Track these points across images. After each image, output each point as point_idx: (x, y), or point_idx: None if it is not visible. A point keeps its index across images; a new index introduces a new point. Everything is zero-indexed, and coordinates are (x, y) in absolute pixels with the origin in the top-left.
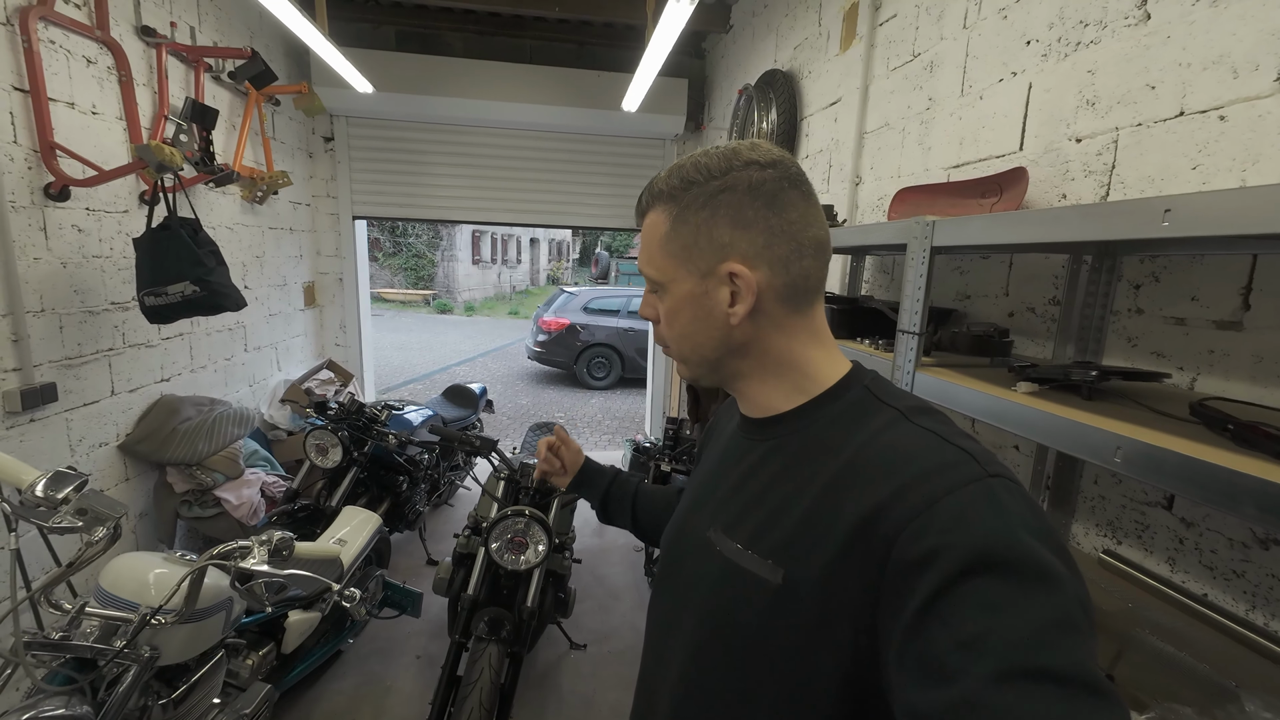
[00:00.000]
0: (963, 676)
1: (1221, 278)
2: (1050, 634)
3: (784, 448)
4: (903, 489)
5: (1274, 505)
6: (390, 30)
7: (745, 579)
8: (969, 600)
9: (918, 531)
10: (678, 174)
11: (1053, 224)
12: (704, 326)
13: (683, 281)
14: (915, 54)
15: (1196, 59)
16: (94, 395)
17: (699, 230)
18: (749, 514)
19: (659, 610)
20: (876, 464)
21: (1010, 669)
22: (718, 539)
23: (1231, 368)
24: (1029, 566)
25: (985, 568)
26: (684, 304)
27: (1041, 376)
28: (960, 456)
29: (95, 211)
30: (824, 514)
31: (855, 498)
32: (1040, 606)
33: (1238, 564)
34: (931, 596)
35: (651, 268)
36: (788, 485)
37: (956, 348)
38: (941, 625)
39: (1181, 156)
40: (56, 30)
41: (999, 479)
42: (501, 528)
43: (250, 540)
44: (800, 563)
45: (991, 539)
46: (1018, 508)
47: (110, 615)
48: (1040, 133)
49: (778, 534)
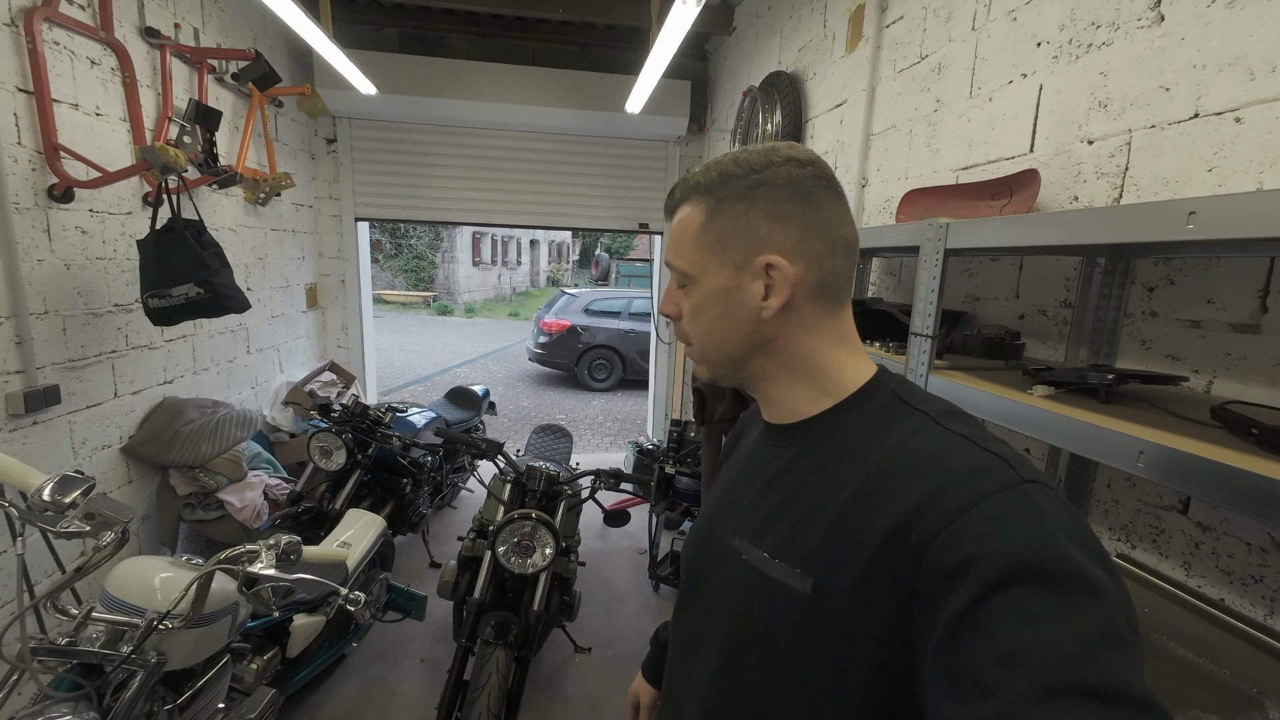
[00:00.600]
0: (1001, 692)
1: (1239, 280)
2: (1094, 648)
3: (810, 454)
4: (935, 495)
5: None
6: (393, 32)
7: (774, 588)
8: (1007, 612)
9: (951, 539)
10: (715, 169)
11: (1072, 226)
12: (732, 321)
13: (715, 274)
14: (923, 56)
15: (1212, 60)
16: (97, 397)
17: (735, 222)
18: (776, 522)
19: (685, 621)
20: (907, 470)
21: (1052, 685)
22: (744, 548)
23: (1249, 371)
24: (1071, 576)
25: (1024, 577)
26: (714, 297)
27: (1058, 380)
28: (994, 461)
29: (99, 213)
30: (853, 521)
31: (885, 505)
32: (1083, 619)
33: (1256, 569)
34: (967, 607)
35: (683, 260)
36: (815, 492)
37: (968, 350)
38: (978, 637)
39: (1197, 159)
40: (61, 31)
41: (1035, 484)
42: (509, 531)
43: (258, 544)
44: (830, 571)
45: (1030, 547)
46: (1057, 514)
47: (117, 620)
48: (1051, 135)
49: (806, 542)
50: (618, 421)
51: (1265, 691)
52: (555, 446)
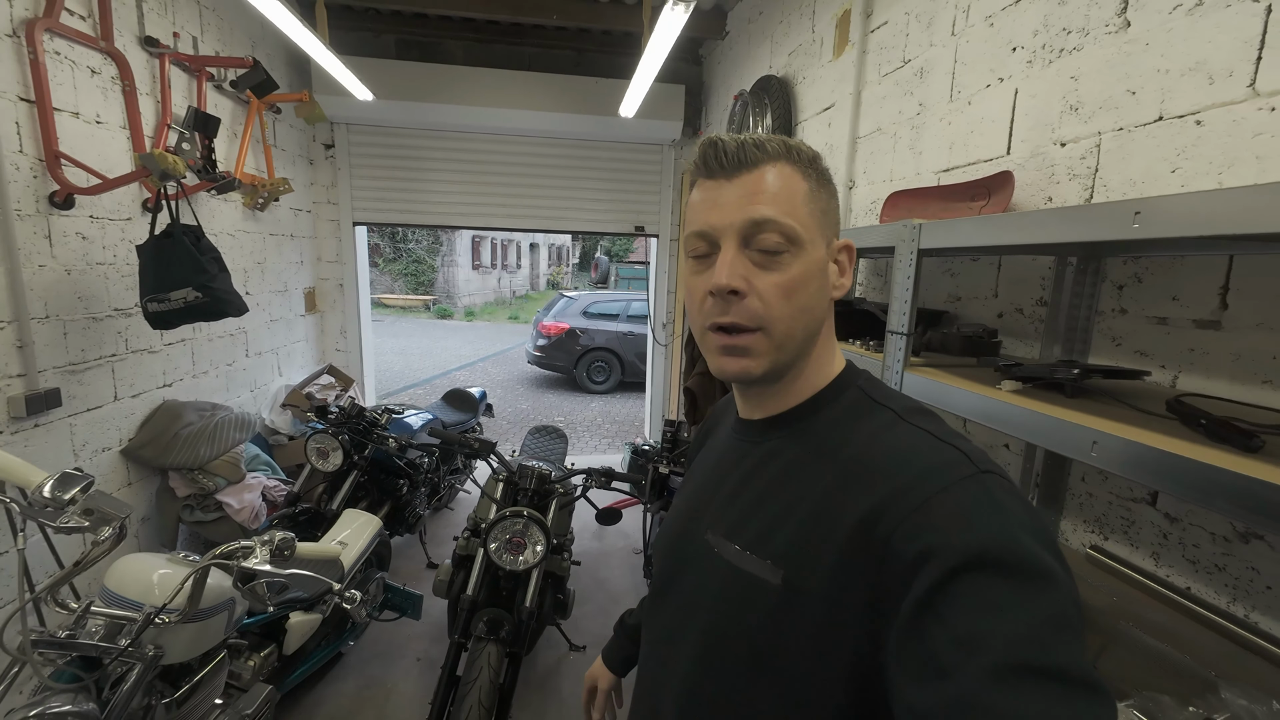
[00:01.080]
0: (960, 673)
1: (1201, 278)
2: (1047, 632)
3: (783, 450)
4: (899, 489)
5: (1244, 497)
6: (391, 39)
7: (748, 582)
8: (966, 598)
9: (914, 530)
10: (794, 144)
11: (1032, 226)
12: (822, 300)
13: (818, 246)
14: (906, 60)
15: (1175, 65)
16: (97, 400)
17: (830, 203)
18: (750, 518)
19: (659, 617)
20: (875, 465)
21: (1008, 666)
22: (718, 543)
23: (1211, 366)
24: (1026, 565)
25: (982, 565)
26: (815, 271)
27: (1026, 375)
28: (955, 455)
29: (99, 219)
30: (826, 516)
31: (854, 498)
32: (1037, 605)
33: (1219, 558)
34: (928, 594)
35: (795, 220)
36: (789, 488)
37: (946, 348)
38: (939, 622)
39: (1161, 160)
40: (62, 41)
41: (992, 475)
42: (500, 528)
43: (252, 540)
44: (804, 565)
45: (988, 537)
46: (1013, 505)
47: (115, 614)
48: (1027, 137)
49: (781, 537)
50: (616, 423)
51: (1223, 675)
52: (550, 447)
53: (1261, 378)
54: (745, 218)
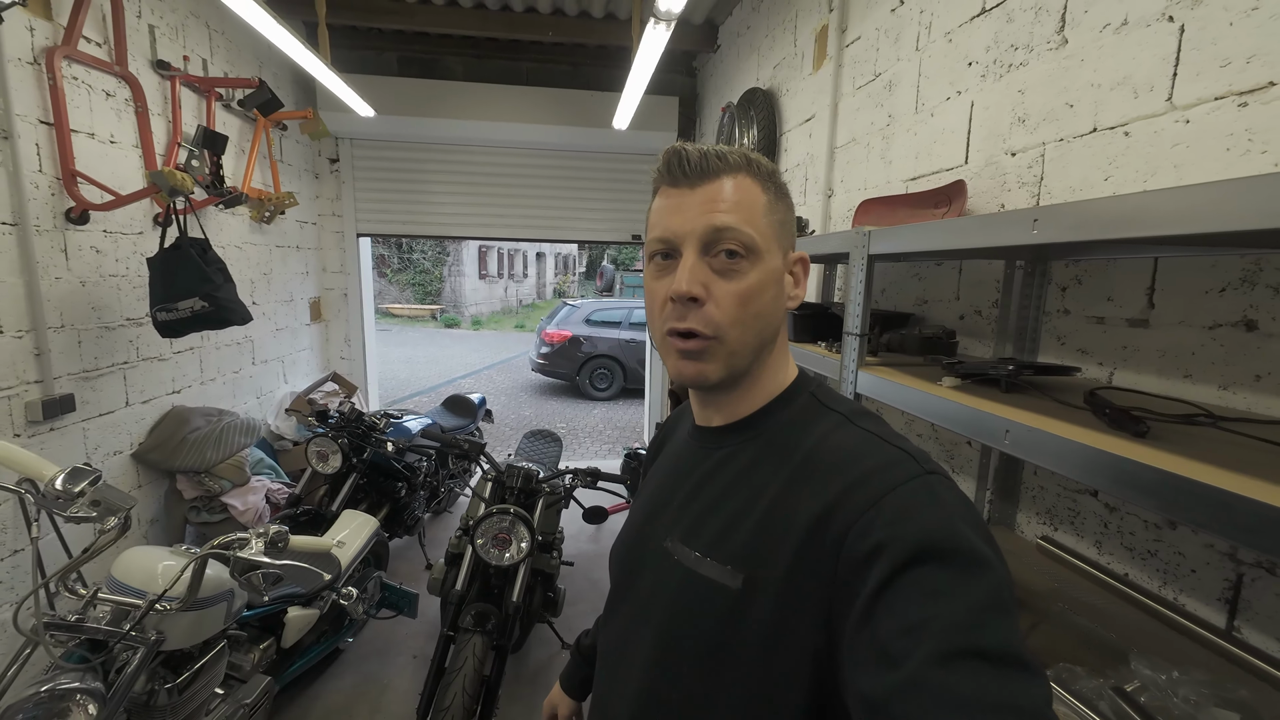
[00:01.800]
0: (907, 660)
1: (1131, 280)
2: (984, 616)
3: (738, 455)
4: (849, 488)
5: (1123, 477)
6: (393, 56)
7: (705, 586)
8: (912, 588)
9: (866, 527)
10: (759, 157)
11: (960, 232)
12: (777, 308)
13: (775, 256)
14: (877, 74)
15: (1105, 80)
16: (109, 406)
17: (788, 215)
18: (706, 521)
19: (614, 625)
20: (825, 465)
21: (950, 650)
22: (675, 548)
23: (1142, 361)
24: (964, 554)
25: (927, 557)
26: (771, 280)
27: (965, 372)
28: (900, 456)
29: (112, 233)
30: (780, 516)
31: (808, 499)
32: (975, 591)
33: (1151, 544)
34: (879, 587)
35: (753, 229)
36: (744, 491)
37: (906, 349)
38: (888, 613)
39: (1096, 169)
40: (79, 67)
41: (935, 475)
42: (486, 525)
43: (248, 533)
44: (760, 566)
45: (932, 530)
46: (953, 501)
47: (120, 601)
48: (982, 147)
49: (736, 539)
50: (618, 430)
51: (1139, 648)
52: (545, 450)
53: (1183, 371)
54: (706, 225)
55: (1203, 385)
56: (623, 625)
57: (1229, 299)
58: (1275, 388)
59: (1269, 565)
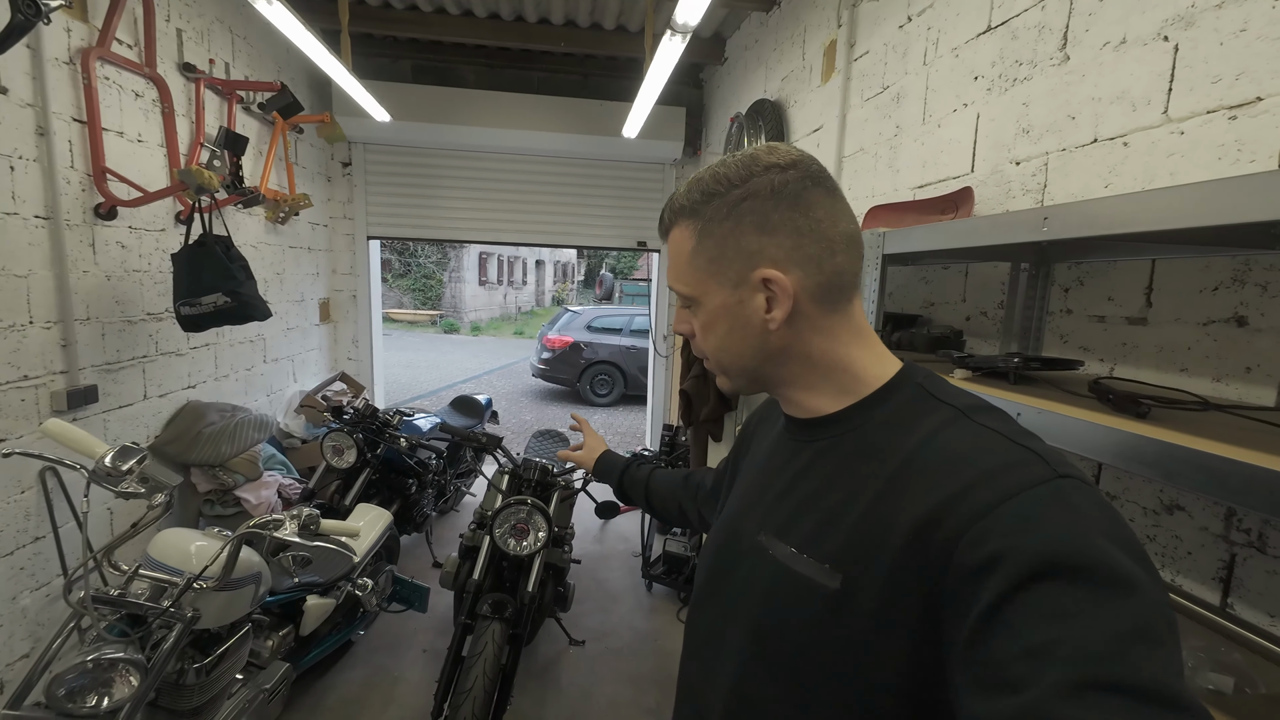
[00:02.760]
0: (1029, 686)
1: (1130, 280)
2: (1126, 644)
3: (837, 448)
4: (964, 491)
5: (1127, 451)
6: (407, 64)
7: (801, 584)
8: (1036, 606)
9: (980, 535)
10: (697, 187)
11: (971, 232)
12: (742, 336)
13: (715, 294)
14: (885, 86)
15: (1105, 94)
16: (129, 398)
17: (725, 241)
18: (803, 517)
19: (706, 617)
20: (936, 464)
21: (1082, 680)
22: (770, 543)
23: (1140, 357)
24: (1102, 572)
25: (1055, 573)
26: (719, 316)
27: (975, 365)
28: (1026, 456)
29: (137, 230)
30: (882, 517)
31: (914, 500)
32: (1115, 615)
33: (1150, 529)
34: (996, 602)
35: (681, 283)
36: (843, 487)
37: (915, 348)
38: (1007, 632)
39: (1096, 177)
40: (111, 68)
41: (1069, 479)
42: (505, 514)
43: (282, 515)
44: (859, 567)
45: (1061, 543)
46: (1091, 509)
47: (159, 578)
48: (987, 156)
49: (835, 538)
50: (619, 435)
51: None
52: (553, 449)
53: (1179, 366)
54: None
55: (1198, 378)
56: (715, 617)
57: (1221, 297)
58: (1264, 378)
59: (1259, 544)
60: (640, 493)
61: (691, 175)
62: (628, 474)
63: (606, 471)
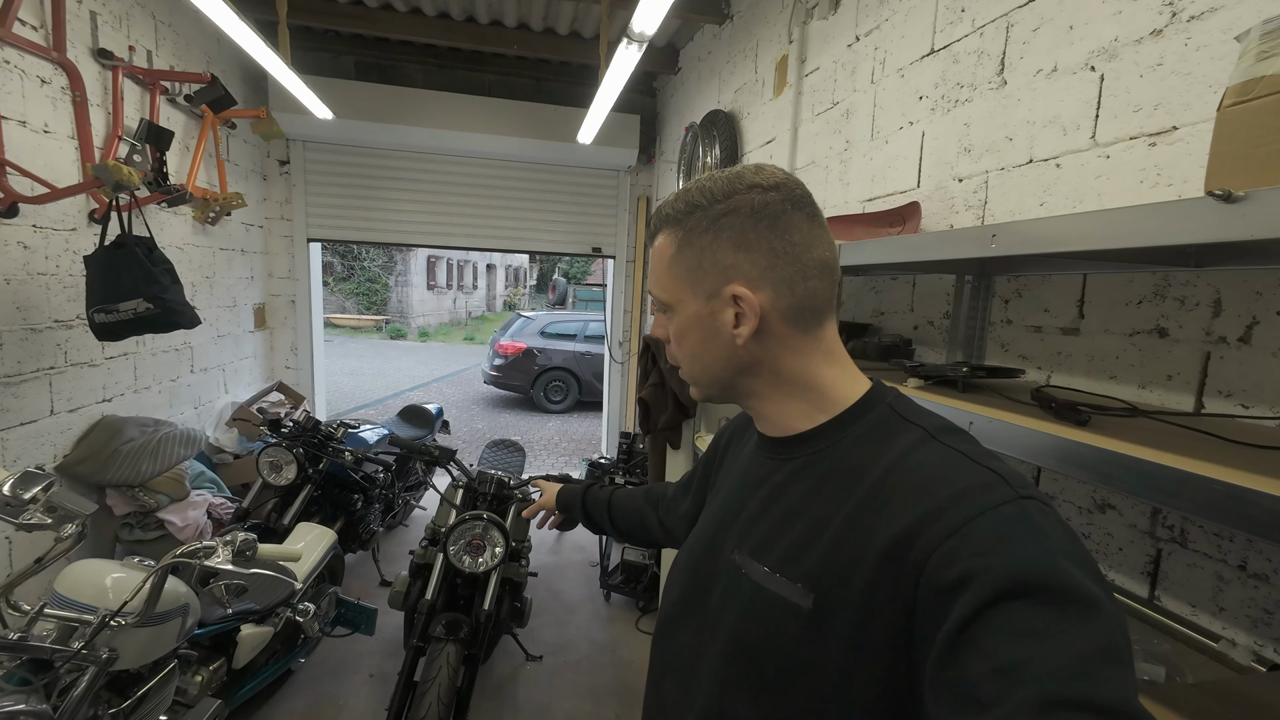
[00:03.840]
0: (999, 705)
1: (1064, 293)
2: (1092, 664)
3: (810, 467)
4: (933, 512)
5: (1068, 456)
6: (350, 60)
7: (775, 603)
8: (1005, 626)
9: (950, 555)
10: (683, 198)
11: (919, 247)
12: (712, 347)
13: (689, 303)
14: (835, 102)
15: (1039, 118)
16: (32, 414)
17: (703, 253)
18: (777, 537)
19: (680, 636)
20: (905, 486)
21: (1050, 698)
22: (744, 562)
23: (1074, 365)
24: (1069, 593)
25: (1022, 592)
26: (692, 325)
27: (926, 374)
28: (991, 478)
29: (43, 229)
30: (855, 537)
31: (885, 521)
32: (1081, 634)
33: (1084, 527)
34: (966, 621)
35: (659, 289)
36: (816, 507)
37: (867, 356)
38: (977, 651)
39: (1031, 196)
40: (11, 50)
41: (1032, 501)
42: (460, 531)
43: (214, 540)
44: (833, 587)
45: (1028, 564)
46: (1054, 531)
47: (69, 617)
48: (932, 173)
49: (808, 557)
50: (573, 442)
51: None
52: (508, 460)
53: (1109, 373)
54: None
55: (1125, 385)
56: (690, 638)
57: (1144, 310)
58: (1183, 385)
59: (1181, 540)
60: (603, 511)
61: (684, 186)
62: (589, 495)
63: (568, 503)
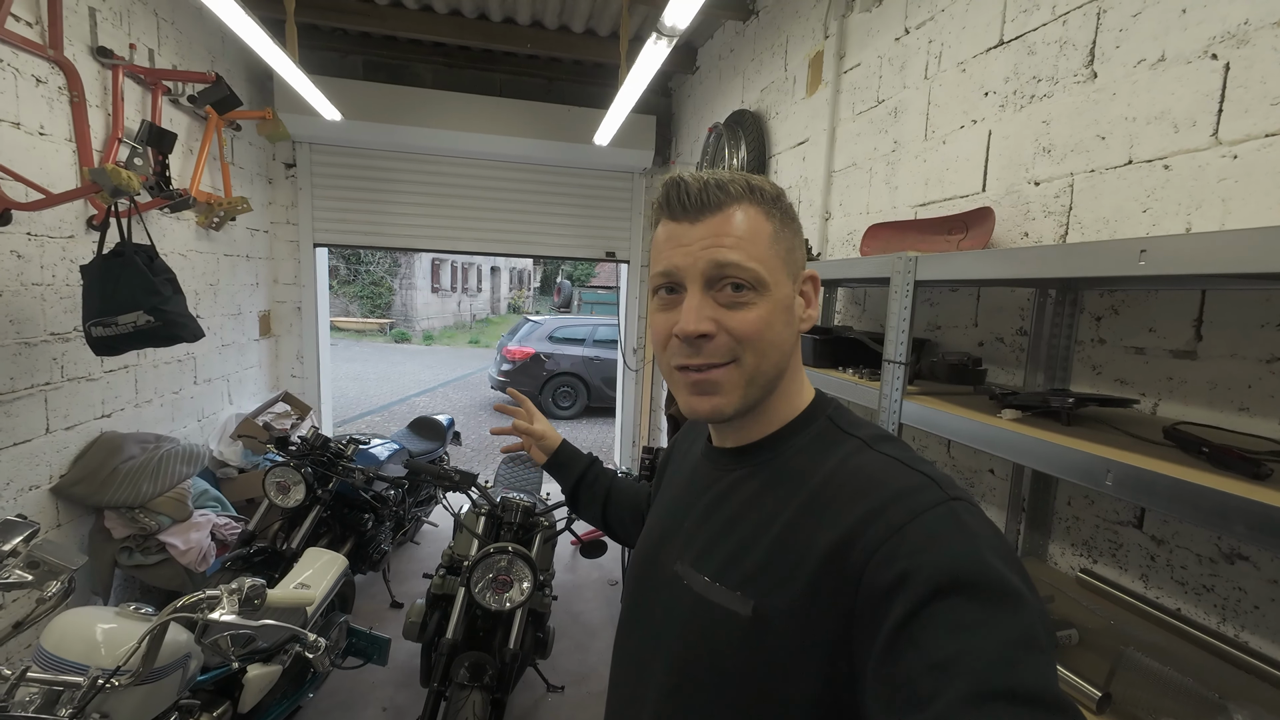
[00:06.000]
0: (937, 699)
1: (1175, 311)
2: (1017, 653)
3: (753, 476)
4: (870, 515)
5: (1260, 522)
6: (358, 60)
7: (716, 613)
8: (939, 622)
9: (888, 556)
10: (757, 183)
11: (1033, 262)
12: (790, 334)
13: (784, 285)
14: (880, 100)
15: (1140, 114)
16: (26, 434)
17: (795, 238)
18: (717, 545)
19: (627, 648)
20: (844, 492)
21: (982, 690)
22: (686, 573)
23: (1190, 394)
24: (995, 587)
25: (954, 589)
26: (781, 309)
27: (1023, 404)
28: (922, 481)
29: (38, 236)
30: (795, 542)
31: (825, 525)
32: (1007, 626)
33: (1207, 578)
34: (903, 619)
35: (759, 263)
36: (757, 514)
37: (935, 376)
38: (914, 648)
39: (1133, 201)
40: (4, 48)
41: (960, 502)
42: (484, 566)
43: (218, 589)
44: (772, 592)
45: (959, 561)
46: (981, 529)
47: (55, 680)
48: (1001, 176)
49: (747, 564)
50: (584, 448)
51: (1227, 696)
52: (526, 476)
53: (1238, 405)
54: (710, 261)
55: (1261, 419)
56: (637, 647)
57: None
58: None
59: None
60: (598, 498)
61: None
62: (587, 476)
63: (565, 465)
